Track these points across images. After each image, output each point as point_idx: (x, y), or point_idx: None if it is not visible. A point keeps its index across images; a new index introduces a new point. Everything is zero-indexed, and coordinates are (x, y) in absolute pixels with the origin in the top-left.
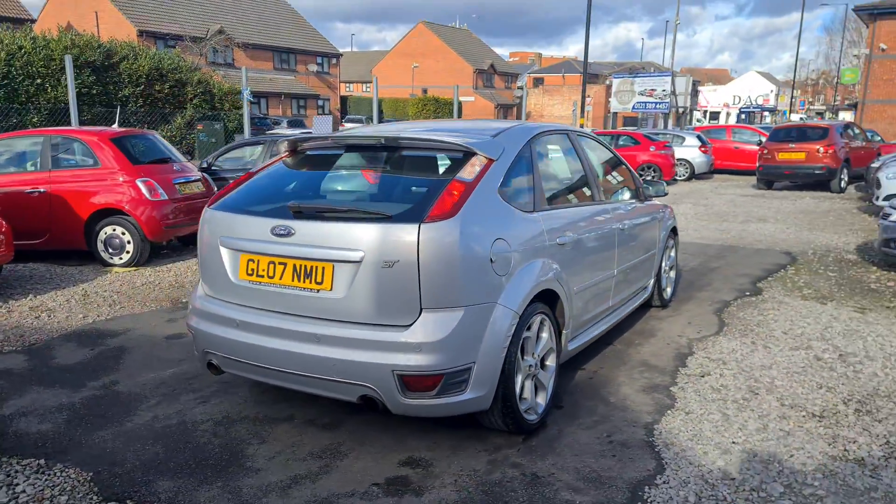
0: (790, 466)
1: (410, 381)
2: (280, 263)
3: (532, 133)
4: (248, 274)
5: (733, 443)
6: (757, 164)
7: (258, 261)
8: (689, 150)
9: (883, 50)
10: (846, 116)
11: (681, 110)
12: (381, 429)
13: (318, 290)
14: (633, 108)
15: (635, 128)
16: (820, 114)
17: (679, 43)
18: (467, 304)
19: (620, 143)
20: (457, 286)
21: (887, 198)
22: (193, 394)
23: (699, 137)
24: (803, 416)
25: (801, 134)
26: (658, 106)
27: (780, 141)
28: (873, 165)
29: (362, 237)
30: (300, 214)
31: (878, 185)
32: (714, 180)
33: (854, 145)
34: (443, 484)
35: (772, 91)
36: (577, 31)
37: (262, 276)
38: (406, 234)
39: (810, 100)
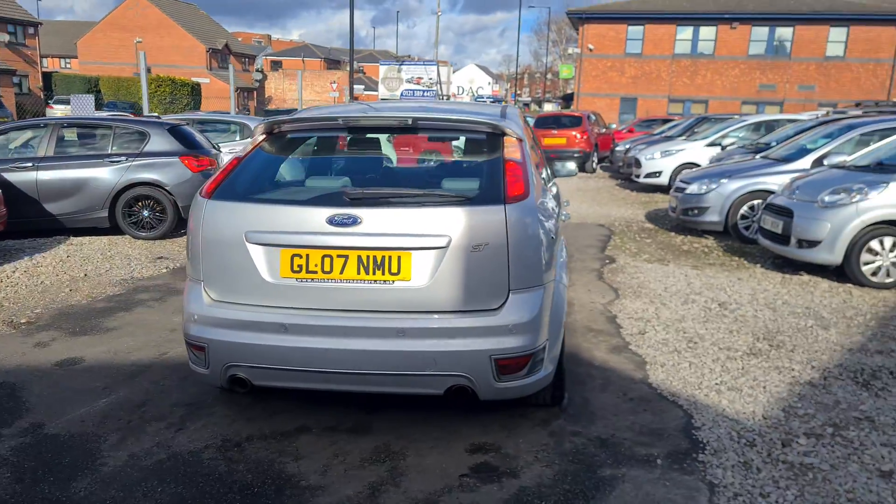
0: (771, 396)
1: (505, 365)
2: (340, 256)
3: (518, 113)
4: (295, 271)
5: (716, 384)
6: None
7: (307, 255)
8: None
9: (591, 50)
10: (549, 107)
11: (444, 98)
12: (419, 422)
13: (393, 282)
14: (402, 94)
15: None
16: (527, 104)
17: (401, 34)
18: (545, 281)
19: None
20: (538, 265)
21: (648, 175)
22: (157, 423)
23: None
24: (742, 356)
25: (560, 122)
26: (426, 93)
27: (545, 127)
28: (618, 149)
29: (447, 221)
30: (360, 201)
31: (639, 165)
32: None
33: (597, 132)
34: (527, 462)
35: (489, 83)
36: (300, 14)
37: (315, 272)
38: (494, 216)
39: (518, 92)
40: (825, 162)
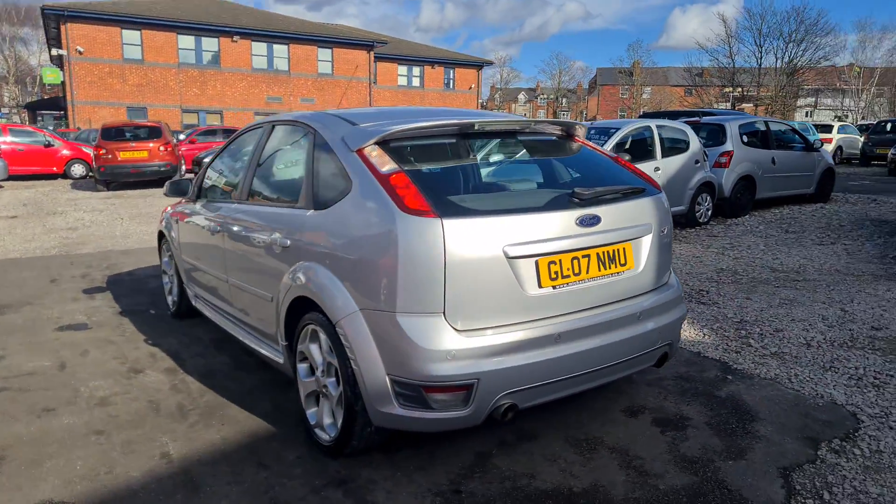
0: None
1: (682, 327)
2: (584, 256)
3: None
4: (552, 278)
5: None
6: (97, 165)
7: (560, 260)
8: None
9: (80, 52)
10: None
11: None
12: (546, 413)
13: (621, 272)
14: None
15: None
16: None
17: None
18: None
19: None
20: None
21: None
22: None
23: None
24: None
25: (135, 133)
26: None
27: (116, 140)
28: (206, 160)
29: (650, 211)
30: (592, 200)
31: None
32: (31, 186)
33: (186, 145)
34: (676, 406)
35: None
36: None
37: (568, 276)
38: (664, 204)
39: None
40: None
